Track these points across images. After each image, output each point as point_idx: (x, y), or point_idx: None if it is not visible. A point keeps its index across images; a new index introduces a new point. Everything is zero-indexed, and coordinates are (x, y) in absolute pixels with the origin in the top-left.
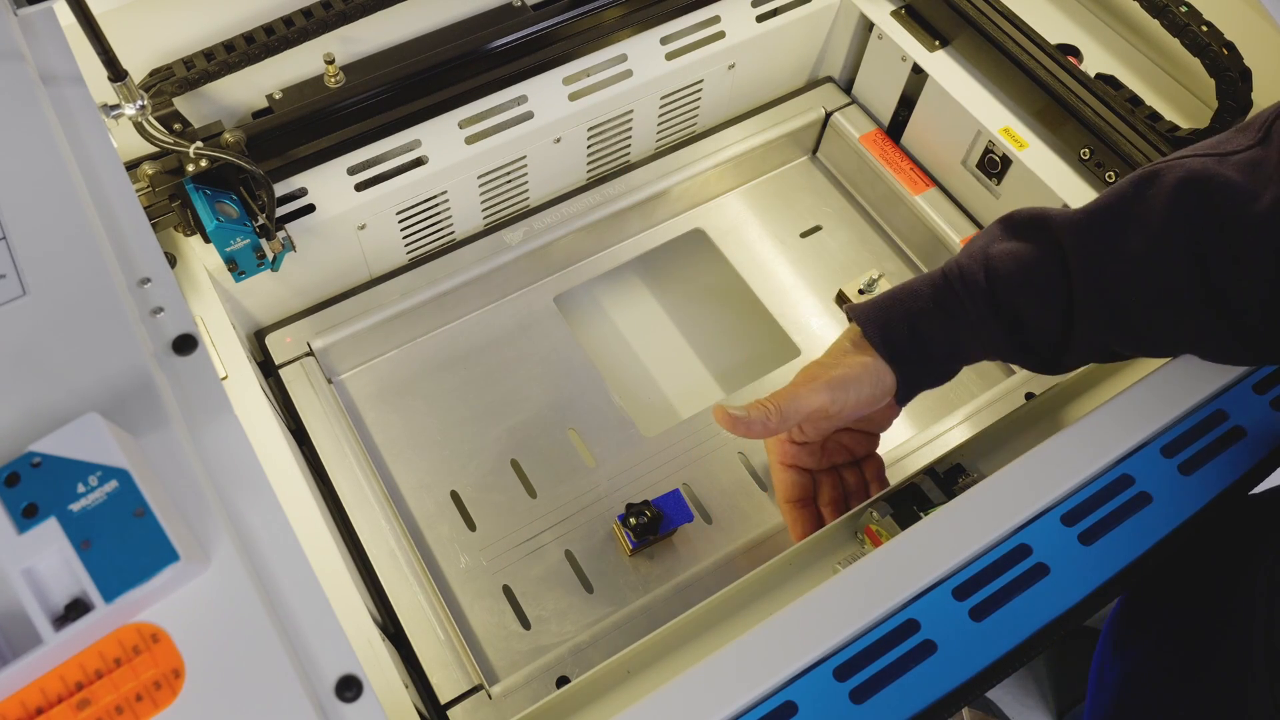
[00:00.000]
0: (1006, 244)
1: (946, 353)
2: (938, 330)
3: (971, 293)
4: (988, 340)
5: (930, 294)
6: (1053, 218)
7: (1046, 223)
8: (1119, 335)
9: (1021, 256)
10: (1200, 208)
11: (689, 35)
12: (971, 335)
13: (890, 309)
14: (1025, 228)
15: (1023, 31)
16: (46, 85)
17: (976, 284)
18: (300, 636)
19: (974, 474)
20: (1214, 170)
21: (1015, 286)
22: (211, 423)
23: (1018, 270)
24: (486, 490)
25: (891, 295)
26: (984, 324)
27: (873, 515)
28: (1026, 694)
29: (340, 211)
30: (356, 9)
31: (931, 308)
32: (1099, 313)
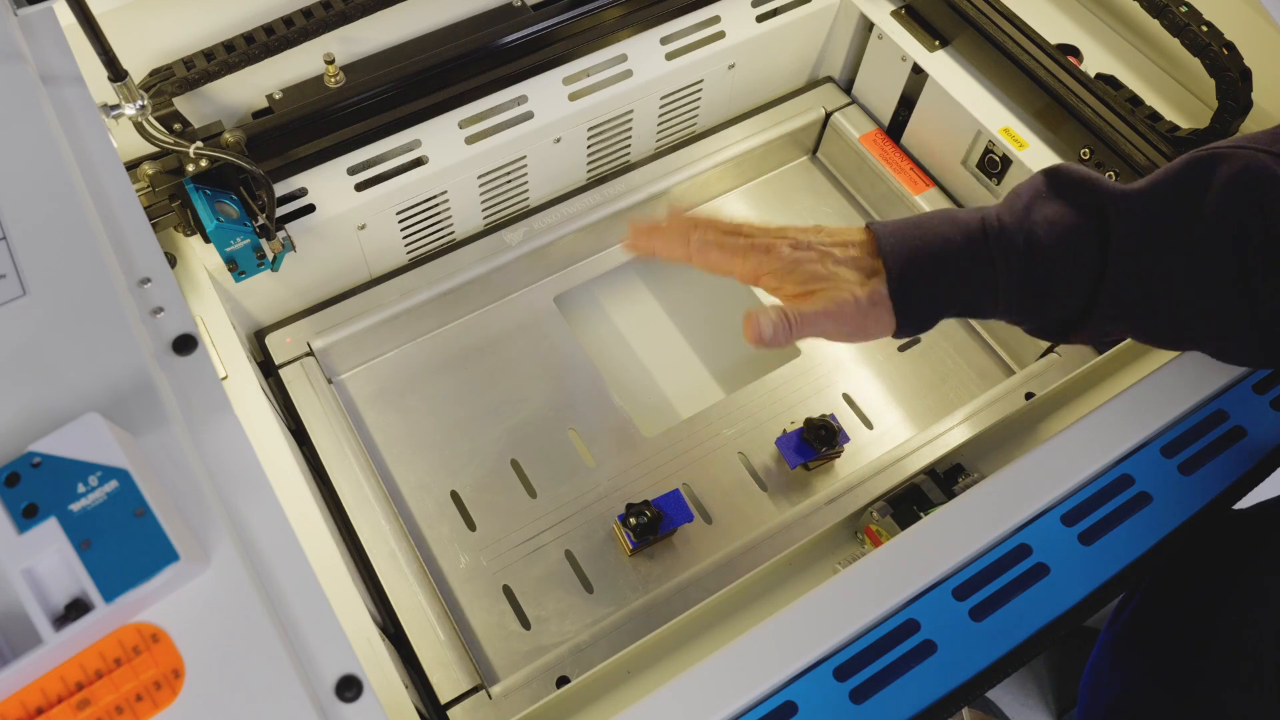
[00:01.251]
0: (1050, 206)
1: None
2: (961, 288)
3: (1008, 256)
4: (1009, 305)
5: (963, 246)
6: (1101, 185)
7: (1095, 189)
8: (1140, 318)
9: (1063, 224)
10: (1253, 205)
11: (689, 35)
12: (994, 298)
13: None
14: (1072, 189)
15: (1023, 31)
16: (46, 85)
17: (1015, 248)
18: (300, 636)
19: (974, 474)
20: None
21: (1053, 259)
22: (211, 423)
23: (1059, 242)
24: (486, 490)
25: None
26: (1012, 290)
27: (873, 515)
28: (1026, 694)
29: (340, 211)
30: (356, 9)
31: (963, 263)
32: (1128, 292)
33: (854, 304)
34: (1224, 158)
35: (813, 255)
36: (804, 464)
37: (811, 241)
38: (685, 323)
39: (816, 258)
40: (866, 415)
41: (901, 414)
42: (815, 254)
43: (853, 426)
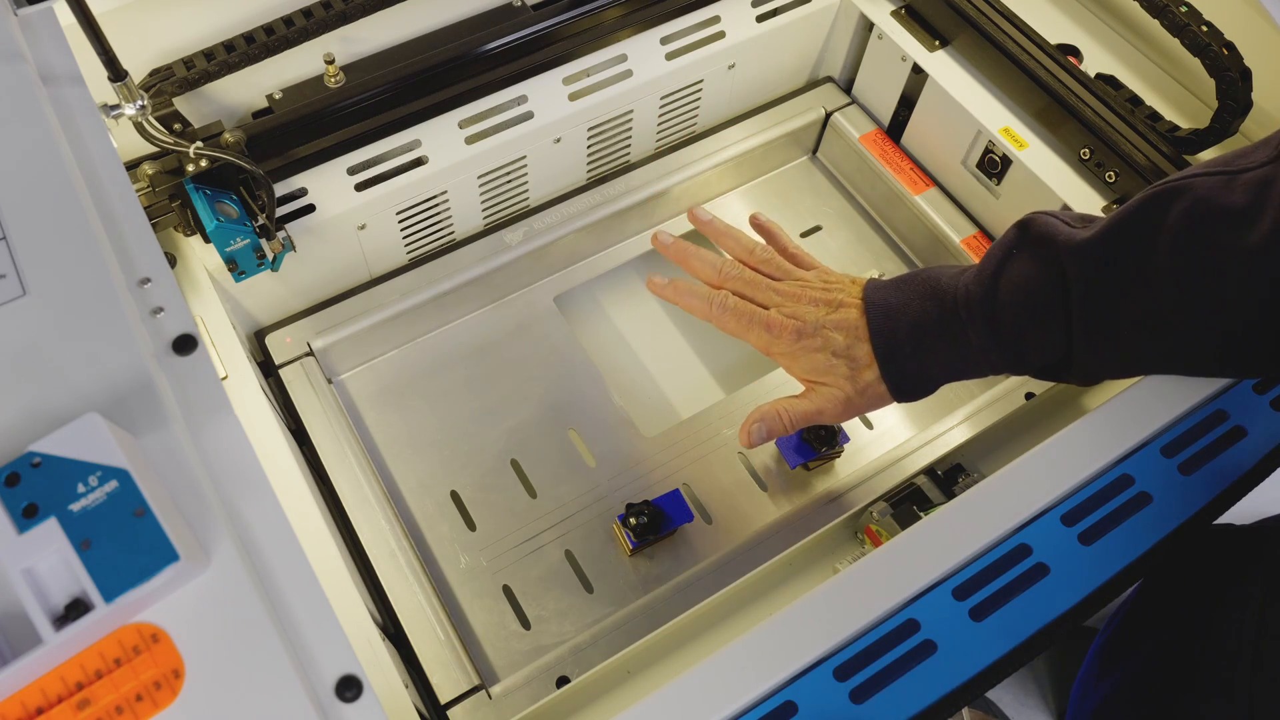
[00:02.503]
0: (1016, 265)
1: (952, 375)
2: (944, 360)
3: (977, 326)
4: (991, 365)
5: (939, 320)
6: (1059, 239)
7: (1053, 241)
8: (1118, 359)
9: (1027, 285)
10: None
11: (689, 35)
12: (976, 363)
13: (900, 338)
14: (1037, 244)
15: (1023, 31)
16: (46, 85)
17: (983, 316)
18: (300, 636)
19: (974, 474)
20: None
21: (1019, 318)
22: (211, 423)
23: (1023, 301)
24: (486, 490)
25: (909, 311)
26: (987, 353)
27: (873, 515)
28: (1026, 694)
29: (340, 211)
30: (356, 9)
31: (941, 338)
32: (1097, 341)
33: (845, 401)
34: (1175, 192)
35: (816, 343)
36: (804, 464)
37: (820, 324)
38: (685, 323)
39: (819, 345)
40: (866, 415)
41: (901, 414)
42: (819, 341)
43: (853, 426)
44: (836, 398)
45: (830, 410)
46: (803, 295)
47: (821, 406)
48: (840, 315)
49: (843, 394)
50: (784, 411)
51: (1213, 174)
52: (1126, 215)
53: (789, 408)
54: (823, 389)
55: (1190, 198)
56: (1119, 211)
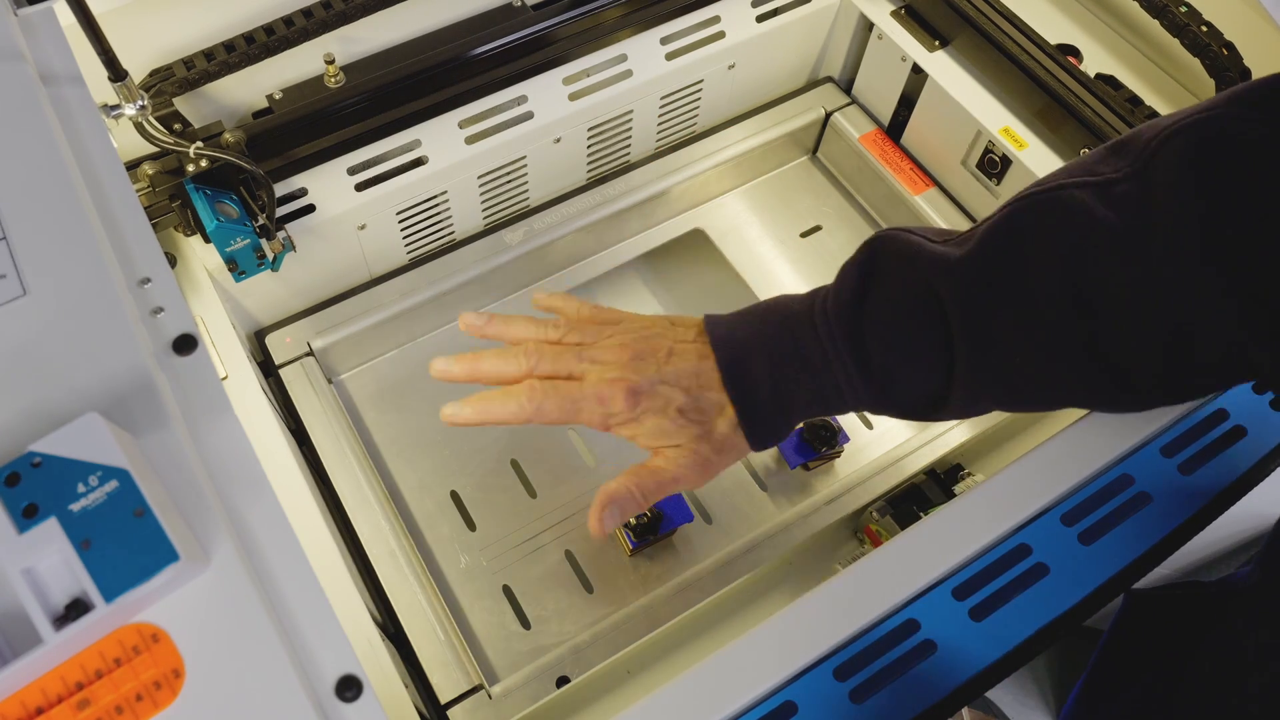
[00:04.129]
0: (881, 292)
1: (805, 414)
2: (802, 394)
3: (840, 353)
4: (857, 401)
5: (792, 349)
6: (923, 258)
7: (917, 261)
8: (1002, 390)
9: (896, 311)
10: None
11: (689, 35)
12: (836, 400)
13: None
14: (901, 265)
15: (1023, 31)
16: (46, 85)
17: (847, 348)
18: (300, 636)
19: (974, 474)
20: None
21: (891, 349)
22: (211, 423)
23: (893, 327)
24: (486, 490)
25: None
26: (854, 389)
27: (873, 515)
28: (1026, 694)
29: (340, 211)
30: (356, 9)
31: (799, 370)
32: (981, 367)
33: (702, 462)
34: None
35: (657, 404)
36: (804, 464)
37: (652, 384)
38: None
39: (660, 406)
40: (866, 415)
41: None
42: (659, 401)
43: (853, 426)
44: (692, 461)
45: (687, 476)
46: (623, 352)
47: (677, 474)
48: (674, 365)
49: (699, 455)
50: (635, 487)
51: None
52: (995, 230)
53: (639, 483)
54: (672, 452)
55: (1053, 208)
56: (984, 226)
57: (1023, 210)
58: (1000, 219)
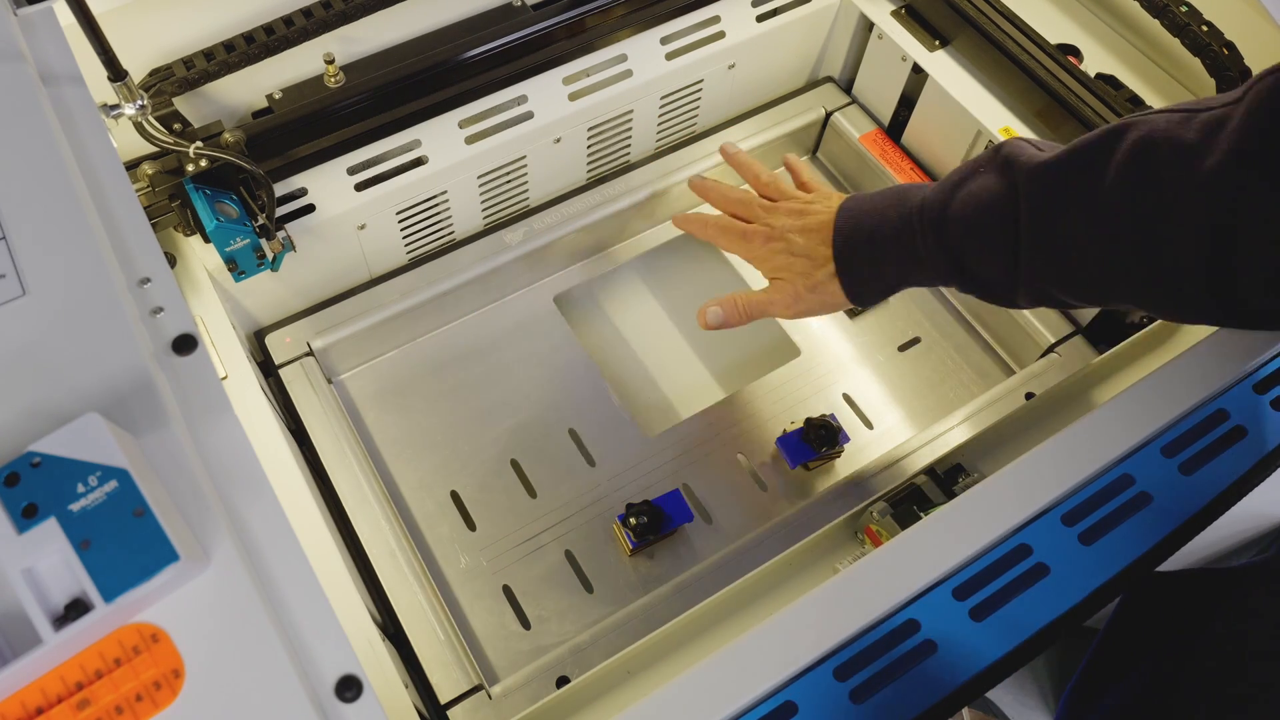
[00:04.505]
0: (978, 181)
1: (899, 279)
2: (894, 262)
3: (926, 230)
4: (936, 273)
5: (896, 223)
6: (1020, 157)
7: (1014, 161)
8: (1064, 282)
9: (981, 199)
10: (1147, 171)
11: (689, 35)
12: (919, 267)
13: (858, 237)
14: (1002, 165)
15: (1023, 31)
16: (46, 85)
17: (933, 222)
18: (300, 636)
19: (974, 474)
20: (1172, 132)
21: (966, 231)
22: (211, 423)
23: (973, 214)
24: (486, 490)
25: (874, 213)
26: (935, 261)
27: (873, 515)
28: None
29: (340, 211)
30: (356, 9)
31: (893, 240)
32: (1043, 263)
33: (794, 294)
34: (1131, 127)
35: (780, 245)
36: (804, 464)
37: (785, 229)
38: (685, 323)
39: (782, 248)
40: (866, 415)
41: (901, 414)
42: (783, 244)
43: (853, 426)
44: (786, 291)
45: (780, 301)
46: (782, 209)
47: (773, 297)
48: (807, 221)
49: (793, 288)
50: (739, 298)
51: (1173, 111)
52: (1083, 143)
53: (742, 295)
54: (777, 283)
55: (1145, 129)
56: (1078, 139)
57: (1113, 128)
58: (1093, 133)
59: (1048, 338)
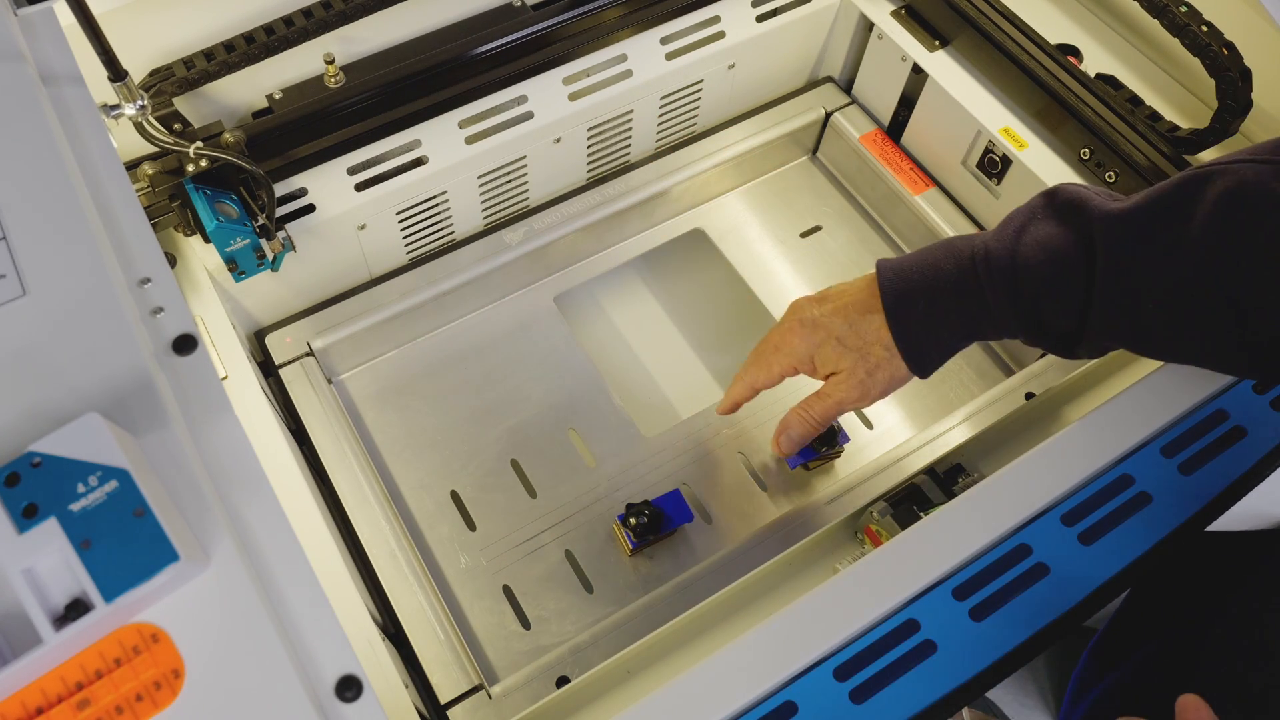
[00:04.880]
0: (1041, 228)
1: (963, 336)
2: (957, 317)
3: (994, 283)
4: (1005, 327)
5: (954, 276)
6: (1091, 205)
7: (1084, 208)
8: (1130, 337)
9: (1051, 247)
10: (1237, 223)
11: (689, 35)
12: (990, 323)
13: (912, 296)
14: (1065, 210)
15: (1023, 31)
16: (46, 85)
17: (1001, 273)
18: (300, 636)
19: (974, 474)
20: (1265, 184)
21: (1038, 280)
22: (211, 423)
23: (1044, 263)
24: (486, 490)
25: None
26: (1002, 312)
27: (873, 515)
28: (1026, 694)
29: (340, 211)
30: (356, 9)
31: (954, 294)
32: (1114, 313)
33: (859, 384)
34: (1218, 174)
35: (820, 336)
36: (804, 464)
37: (816, 318)
38: (685, 323)
39: (824, 338)
40: (866, 415)
41: (901, 414)
42: (823, 333)
43: (853, 426)
44: (850, 383)
45: (849, 398)
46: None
47: (839, 397)
48: (836, 303)
49: (855, 378)
50: (804, 411)
51: (1260, 161)
52: (1164, 191)
53: (809, 408)
54: (836, 379)
55: (1232, 180)
56: (1156, 187)
57: (1194, 176)
58: (1171, 180)
59: None
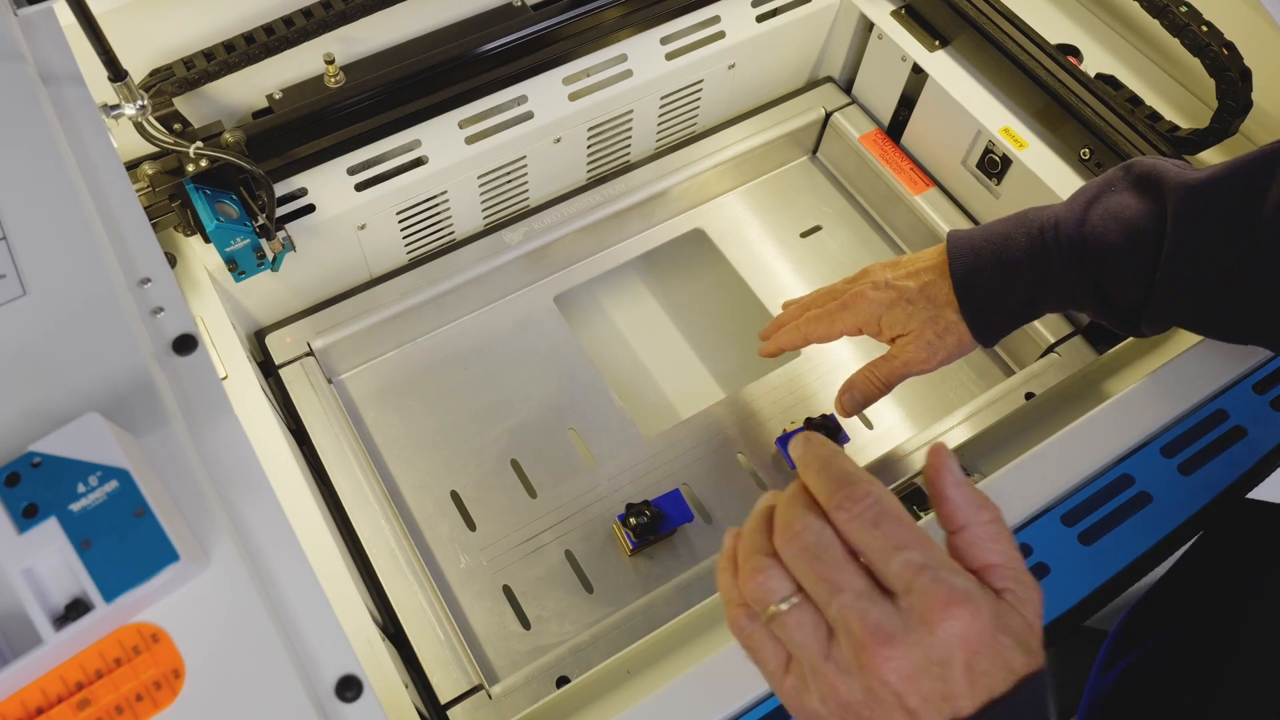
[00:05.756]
0: (1114, 198)
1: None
2: (1023, 287)
3: (1063, 252)
4: (1070, 298)
5: (1025, 246)
6: (1166, 176)
7: (1160, 180)
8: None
9: (1121, 217)
10: None
11: (689, 35)
12: (1054, 290)
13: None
14: (1140, 182)
15: (1023, 31)
16: (46, 85)
17: (1070, 243)
18: (300, 636)
19: (974, 474)
20: None
21: (1105, 250)
22: (211, 423)
23: (1115, 230)
24: (486, 490)
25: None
26: (1069, 281)
27: None
28: None
29: (340, 211)
30: (356, 9)
31: (1023, 264)
32: (1179, 286)
33: (928, 345)
34: None
35: (892, 295)
36: None
37: (889, 280)
38: (685, 323)
39: (895, 298)
40: (866, 415)
41: (901, 414)
42: (894, 293)
43: (853, 426)
44: (919, 344)
45: (916, 359)
46: (873, 268)
47: (907, 357)
48: (909, 267)
49: (924, 340)
50: (873, 373)
51: None
52: (1241, 164)
53: (875, 369)
54: (904, 340)
55: None
56: (1234, 159)
57: (1276, 148)
58: (1251, 153)
59: (1047, 338)
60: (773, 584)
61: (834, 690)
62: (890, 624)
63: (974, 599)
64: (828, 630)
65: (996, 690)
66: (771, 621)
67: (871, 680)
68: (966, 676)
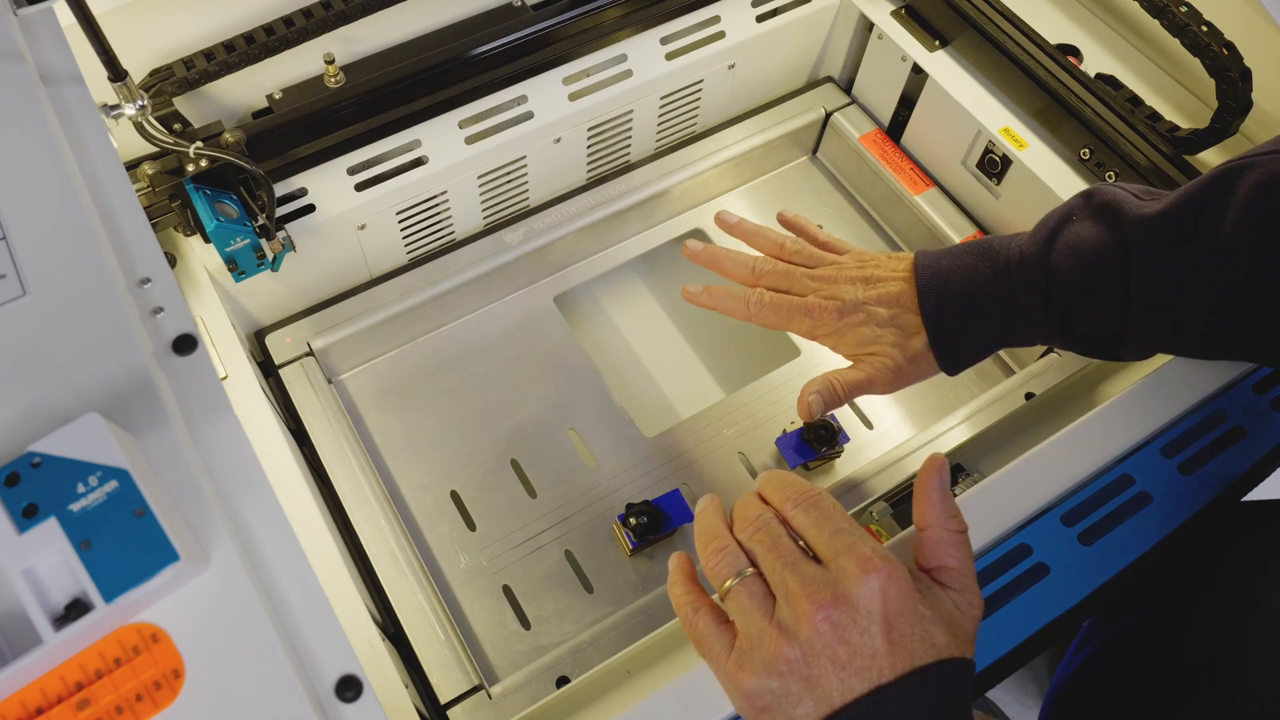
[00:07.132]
0: (1076, 229)
1: (997, 341)
2: (992, 322)
3: (1027, 284)
4: (1038, 331)
5: (990, 280)
6: (1125, 209)
7: (1119, 211)
8: (1172, 339)
9: (1084, 251)
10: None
11: (689, 35)
12: (1022, 325)
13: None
14: (1100, 212)
15: (1023, 31)
16: (46, 85)
17: (1035, 278)
18: (300, 636)
19: (974, 474)
20: None
21: (1071, 284)
22: (211, 423)
23: (1077, 266)
24: (486, 490)
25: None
26: (1035, 317)
27: (872, 515)
28: (1026, 694)
29: (340, 211)
30: (356, 9)
31: (990, 299)
32: (1154, 316)
33: (894, 369)
34: (1247, 168)
35: (859, 318)
36: (804, 464)
37: (860, 300)
38: (685, 323)
39: (862, 320)
40: (866, 415)
41: (901, 414)
42: (862, 316)
43: (853, 426)
44: (886, 365)
45: (880, 378)
46: (839, 277)
47: (872, 375)
48: (880, 290)
49: (892, 361)
50: (836, 382)
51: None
52: (1194, 190)
53: (840, 378)
54: (871, 358)
55: (1262, 172)
56: (1187, 185)
57: (1228, 171)
58: (1201, 178)
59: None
60: (730, 560)
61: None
62: (821, 579)
63: (891, 563)
64: (774, 600)
65: (918, 660)
66: (727, 596)
67: (807, 631)
68: (886, 635)
